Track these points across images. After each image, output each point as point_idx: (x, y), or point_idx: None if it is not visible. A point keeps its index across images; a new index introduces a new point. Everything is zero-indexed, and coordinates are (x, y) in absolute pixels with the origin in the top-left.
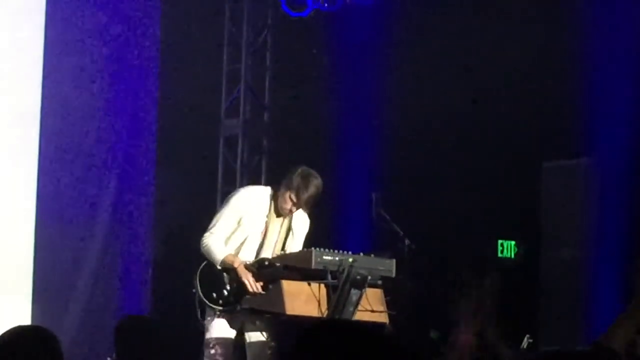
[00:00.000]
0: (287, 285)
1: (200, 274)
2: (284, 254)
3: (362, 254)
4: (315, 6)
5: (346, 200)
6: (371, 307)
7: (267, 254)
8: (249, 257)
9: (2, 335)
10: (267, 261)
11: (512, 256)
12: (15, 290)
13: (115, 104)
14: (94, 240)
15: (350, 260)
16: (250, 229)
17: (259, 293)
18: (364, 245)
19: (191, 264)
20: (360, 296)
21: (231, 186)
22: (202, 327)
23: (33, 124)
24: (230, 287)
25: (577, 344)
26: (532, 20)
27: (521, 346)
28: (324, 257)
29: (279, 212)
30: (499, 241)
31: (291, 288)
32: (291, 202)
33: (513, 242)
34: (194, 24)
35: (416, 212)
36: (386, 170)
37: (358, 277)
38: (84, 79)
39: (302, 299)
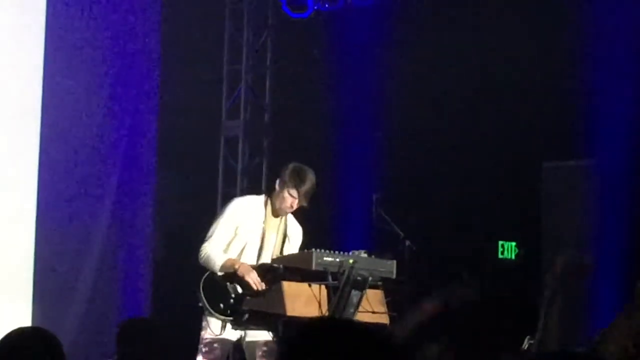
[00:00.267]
0: (288, 287)
1: (203, 284)
2: (284, 255)
3: (363, 252)
4: (315, 7)
5: (347, 201)
6: (372, 309)
7: (267, 258)
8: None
9: (4, 337)
10: (267, 266)
11: (513, 257)
12: (15, 292)
13: (116, 104)
14: (95, 241)
15: (350, 261)
16: (247, 238)
17: (262, 291)
18: (365, 246)
19: (192, 265)
20: (361, 297)
21: (232, 187)
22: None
23: (33, 124)
24: (235, 295)
25: (577, 345)
26: (533, 21)
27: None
28: (324, 259)
29: (277, 216)
30: (500, 242)
31: (291, 289)
32: (291, 198)
33: (514, 243)
34: (195, 24)
35: (417, 213)
36: (387, 171)
37: (359, 278)
38: (84, 79)
39: (303, 300)
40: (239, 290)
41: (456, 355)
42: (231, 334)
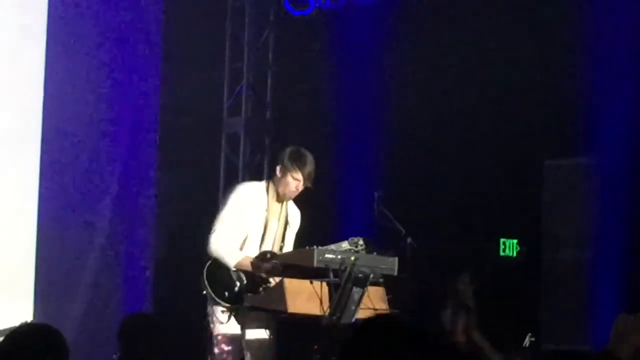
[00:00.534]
0: (289, 284)
1: (207, 273)
2: (286, 252)
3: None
4: (317, 4)
5: (348, 198)
6: (373, 306)
7: (268, 247)
8: (252, 251)
9: (9, 333)
10: (269, 254)
11: (514, 255)
12: (17, 290)
13: (117, 102)
14: (96, 240)
15: (352, 258)
16: (251, 224)
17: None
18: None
19: (193, 263)
20: (362, 294)
21: (233, 184)
22: (207, 323)
23: (35, 122)
24: (240, 284)
25: (578, 343)
26: (534, 20)
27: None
28: (326, 256)
29: (280, 201)
30: (501, 240)
31: (293, 286)
32: (295, 181)
33: (515, 241)
34: (196, 22)
35: (418, 210)
36: (388, 168)
37: (360, 275)
38: (85, 77)
39: (304, 297)
40: (244, 279)
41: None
42: (237, 328)
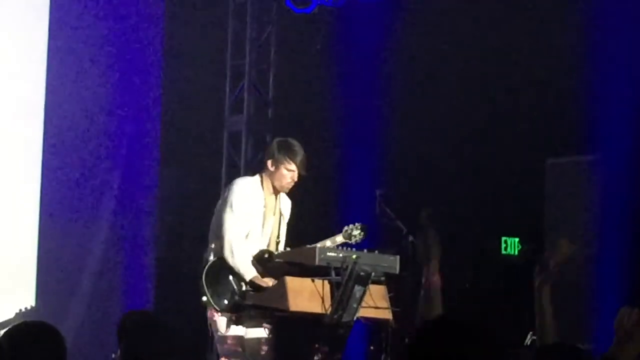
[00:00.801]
0: (291, 282)
1: (206, 278)
2: (288, 251)
3: (366, 250)
4: (319, 2)
5: (350, 196)
6: (375, 304)
7: (264, 242)
8: (254, 248)
9: (7, 330)
10: (266, 254)
11: (516, 253)
12: (18, 287)
13: (119, 100)
14: (98, 237)
15: (354, 256)
16: (252, 221)
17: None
18: (368, 241)
19: (195, 261)
20: (364, 293)
21: None
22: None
23: (37, 119)
24: (240, 291)
25: (581, 342)
26: (536, 18)
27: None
28: (327, 254)
29: (276, 194)
30: (503, 238)
31: (295, 285)
32: (290, 172)
33: (517, 239)
34: (198, 19)
35: (420, 209)
36: (390, 167)
37: (362, 273)
38: (87, 75)
39: (306, 295)
40: (243, 286)
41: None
42: (238, 330)
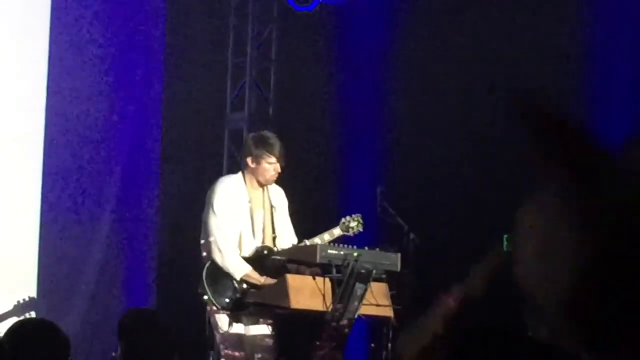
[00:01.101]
0: (292, 280)
1: (206, 277)
2: (289, 248)
3: (367, 248)
4: (320, 0)
5: (351, 194)
6: (376, 301)
7: (259, 239)
8: (248, 248)
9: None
10: (265, 250)
11: None
12: (19, 286)
13: (120, 97)
14: (99, 236)
15: (355, 254)
16: (239, 219)
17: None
18: (369, 239)
19: (197, 259)
20: (365, 290)
21: None
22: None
23: (38, 117)
24: (240, 290)
25: None
26: (538, 15)
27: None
28: (328, 251)
29: (261, 186)
30: (505, 235)
31: (296, 282)
32: (272, 165)
33: None
34: (199, 17)
35: (421, 206)
36: (391, 164)
37: (363, 271)
38: (88, 73)
39: (307, 293)
40: (243, 284)
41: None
42: (239, 327)
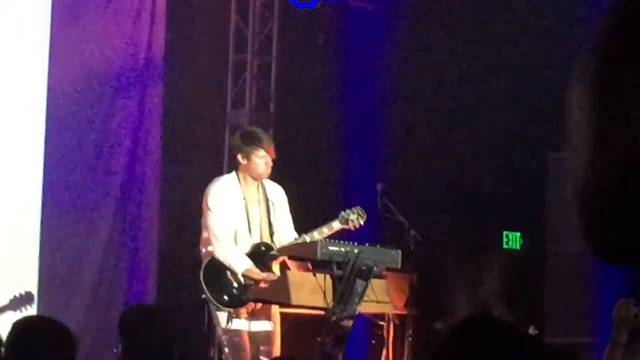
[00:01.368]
0: (293, 276)
1: (204, 275)
2: (289, 245)
3: (368, 244)
4: None
5: (351, 190)
6: (376, 298)
7: (256, 235)
8: (244, 245)
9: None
10: (262, 246)
11: (518, 247)
12: (20, 284)
13: (121, 94)
14: (99, 234)
15: (355, 251)
16: (236, 218)
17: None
18: (370, 235)
19: (197, 257)
20: (366, 287)
21: None
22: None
23: (39, 114)
24: (238, 285)
25: (582, 336)
26: (538, 14)
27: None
28: (329, 248)
29: (256, 181)
30: (505, 232)
31: (296, 279)
32: (263, 159)
33: (518, 234)
34: (200, 13)
35: (422, 202)
36: (392, 161)
37: (364, 267)
38: (89, 69)
39: (308, 289)
40: (242, 280)
41: None
42: (241, 323)
